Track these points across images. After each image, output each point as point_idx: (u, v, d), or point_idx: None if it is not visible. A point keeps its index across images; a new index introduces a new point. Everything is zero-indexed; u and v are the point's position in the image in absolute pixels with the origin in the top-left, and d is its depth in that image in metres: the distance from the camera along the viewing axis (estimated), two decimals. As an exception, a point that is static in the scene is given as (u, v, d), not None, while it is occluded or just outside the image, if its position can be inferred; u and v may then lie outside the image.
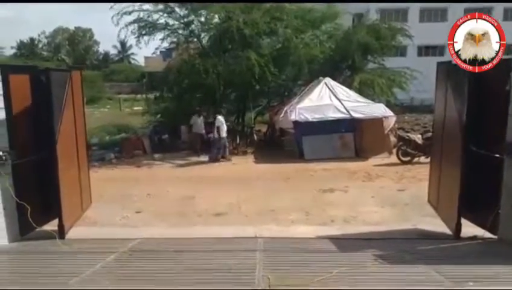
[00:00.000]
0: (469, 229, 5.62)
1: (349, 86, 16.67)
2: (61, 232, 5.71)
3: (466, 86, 5.23)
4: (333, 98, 14.96)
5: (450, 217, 5.69)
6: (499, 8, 30.47)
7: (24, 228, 5.55)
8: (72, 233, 6.14)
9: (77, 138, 6.51)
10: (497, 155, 5.14)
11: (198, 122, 15.62)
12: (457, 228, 5.51)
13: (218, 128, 14.14)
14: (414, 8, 33.76)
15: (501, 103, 5.07)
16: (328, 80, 15.92)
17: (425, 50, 34.29)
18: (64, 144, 5.84)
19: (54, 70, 6.37)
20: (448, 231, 5.94)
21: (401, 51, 29.55)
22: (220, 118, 14.39)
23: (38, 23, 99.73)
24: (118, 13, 16.13)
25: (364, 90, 17.23)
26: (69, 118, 6.18)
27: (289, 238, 6.00)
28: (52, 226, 5.90)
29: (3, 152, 5.25)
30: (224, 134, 14.34)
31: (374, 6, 32.10)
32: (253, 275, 4.17)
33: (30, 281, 4.14)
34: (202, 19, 17.44)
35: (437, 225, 6.55)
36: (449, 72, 5.82)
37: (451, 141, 5.79)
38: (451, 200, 5.56)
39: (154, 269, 4.44)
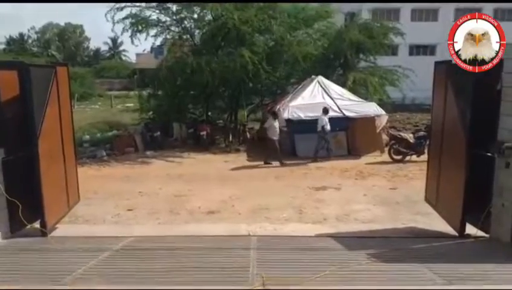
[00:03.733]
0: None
1: (343, 85, 16.72)
2: (43, 229, 5.64)
3: (471, 87, 5.22)
4: (326, 96, 14.99)
5: (453, 216, 5.72)
6: (488, 8, 30.72)
7: (15, 225, 5.48)
8: (64, 231, 6.09)
9: (63, 135, 6.41)
10: (489, 154, 5.20)
11: (275, 126, 13.66)
12: (462, 226, 5.54)
13: (323, 127, 13.41)
14: (406, 8, 33.93)
15: (493, 102, 5.12)
16: (320, 78, 15.94)
17: (417, 49, 34.53)
18: (47, 140, 5.75)
19: (35, 66, 6.27)
20: (441, 230, 6.01)
21: (393, 50, 29.69)
22: (324, 117, 13.48)
23: (27, 18, 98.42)
24: (110, 10, 16.05)
25: (358, 89, 17.29)
26: (54, 114, 6.08)
27: (282, 236, 6.01)
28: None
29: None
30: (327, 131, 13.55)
31: (366, 5, 32.20)
32: (247, 274, 4.15)
33: (23, 280, 4.08)
34: (195, 16, 17.39)
35: (428, 224, 6.64)
36: (449, 72, 5.82)
37: (452, 140, 5.80)
38: (454, 199, 5.59)
39: (147, 268, 4.40)
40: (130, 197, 9.18)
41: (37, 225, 5.69)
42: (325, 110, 13.63)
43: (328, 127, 13.49)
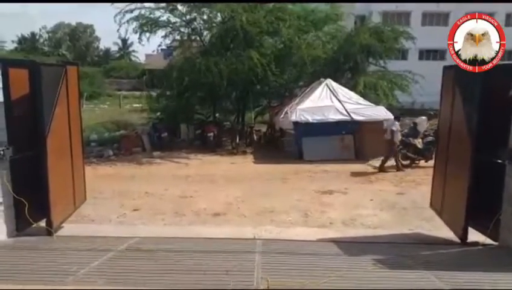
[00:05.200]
0: (470, 235, 5.58)
1: (352, 88, 16.66)
2: (49, 228, 5.64)
3: (478, 93, 5.14)
4: (334, 99, 14.94)
5: (456, 223, 5.64)
6: (500, 14, 30.43)
7: (21, 223, 5.49)
8: (69, 230, 6.10)
9: (72, 134, 6.41)
10: (499, 161, 5.11)
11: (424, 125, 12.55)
12: (464, 233, 5.47)
13: (392, 132, 12.46)
14: (416, 12, 33.73)
15: (505, 108, 5.04)
16: (329, 81, 15.90)
17: (427, 54, 34.27)
18: (56, 139, 5.76)
19: (46, 65, 6.29)
20: (447, 236, 5.92)
21: (403, 54, 29.53)
22: (396, 122, 12.79)
23: (39, 17, 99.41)
24: (120, 11, 16.14)
25: (368, 93, 17.21)
26: (63, 113, 6.10)
27: (288, 240, 5.96)
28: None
29: (1, 147, 5.18)
30: (397, 140, 12.54)
31: (376, 8, 32.05)
32: (252, 277, 4.12)
33: (26, 279, 4.08)
34: (205, 17, 17.45)
35: (435, 230, 6.55)
36: (457, 77, 5.74)
37: (458, 146, 5.72)
38: (458, 206, 5.50)
39: (151, 269, 4.39)
40: (136, 197, 9.21)
41: (43, 223, 5.71)
42: (396, 118, 12.99)
43: (399, 135, 12.57)
